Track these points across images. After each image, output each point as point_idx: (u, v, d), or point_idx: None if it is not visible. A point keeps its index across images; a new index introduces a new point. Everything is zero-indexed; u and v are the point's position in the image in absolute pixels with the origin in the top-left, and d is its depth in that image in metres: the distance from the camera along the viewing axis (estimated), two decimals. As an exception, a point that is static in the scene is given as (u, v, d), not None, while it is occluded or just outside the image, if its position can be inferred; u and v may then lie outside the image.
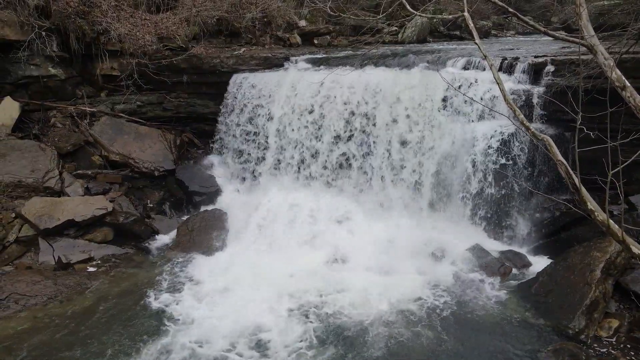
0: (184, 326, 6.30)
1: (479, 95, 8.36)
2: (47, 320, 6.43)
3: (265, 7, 12.51)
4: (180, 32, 11.03)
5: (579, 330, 5.91)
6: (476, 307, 6.69)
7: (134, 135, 10.57)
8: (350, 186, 9.37)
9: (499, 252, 7.85)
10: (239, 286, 7.19)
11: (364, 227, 8.61)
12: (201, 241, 8.63)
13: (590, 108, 4.61)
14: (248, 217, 9.16)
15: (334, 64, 10.33)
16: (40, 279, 7.16)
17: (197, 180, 10.28)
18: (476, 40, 4.56)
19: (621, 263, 6.49)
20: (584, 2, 4.47)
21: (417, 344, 5.96)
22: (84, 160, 9.97)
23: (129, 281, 7.51)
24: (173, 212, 10.03)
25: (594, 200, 3.99)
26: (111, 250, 8.49)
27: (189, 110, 11.42)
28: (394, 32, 13.70)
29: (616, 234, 3.62)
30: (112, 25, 10.16)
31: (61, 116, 10.31)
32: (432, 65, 9.35)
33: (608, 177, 3.39)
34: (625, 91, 4.36)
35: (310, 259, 7.94)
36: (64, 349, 5.85)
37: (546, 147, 4.04)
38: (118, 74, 10.63)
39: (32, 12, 9.52)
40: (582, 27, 4.45)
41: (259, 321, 6.37)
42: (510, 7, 4.90)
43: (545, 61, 8.38)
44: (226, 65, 10.89)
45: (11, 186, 8.65)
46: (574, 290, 6.30)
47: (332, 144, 9.48)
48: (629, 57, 7.08)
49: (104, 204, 8.77)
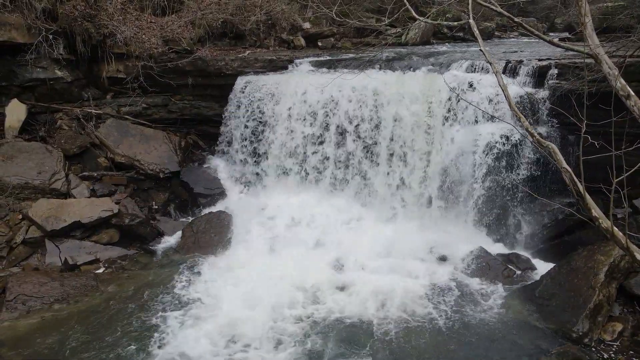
0: (189, 326, 6.35)
1: (484, 98, 8.38)
2: (54, 322, 6.50)
3: (270, 9, 12.56)
4: (186, 34, 11.09)
5: (583, 333, 5.93)
6: (479, 310, 6.72)
7: (139, 137, 10.63)
8: (354, 189, 9.41)
9: (502, 255, 7.88)
10: (243, 287, 7.24)
11: (368, 229, 8.66)
12: (206, 243, 8.68)
13: (594, 112, 4.63)
14: (253, 219, 9.22)
15: (338, 66, 10.37)
16: (47, 281, 7.22)
17: (201, 182, 10.34)
18: (481, 47, 4.60)
19: (625, 267, 6.51)
20: (589, 12, 4.50)
21: (419, 347, 5.99)
22: (89, 162, 10.05)
23: (135, 282, 7.57)
24: (178, 213, 10.10)
25: (598, 204, 4.02)
26: (117, 252, 8.55)
27: (193, 112, 11.48)
28: (397, 35, 13.72)
29: (620, 241, 3.65)
30: (118, 28, 10.22)
31: (67, 118, 10.38)
32: (436, 68, 9.38)
33: (612, 185, 3.42)
34: (629, 100, 4.38)
35: (314, 261, 7.98)
36: (71, 350, 5.91)
37: (551, 155, 4.07)
38: (124, 77, 10.70)
39: (39, 15, 9.59)
40: (587, 36, 4.47)
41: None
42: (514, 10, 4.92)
43: (549, 64, 8.40)
44: (231, 67, 10.95)
45: (18, 188, 8.73)
46: (577, 293, 6.32)
47: (336, 146, 9.53)
48: (633, 60, 7.09)
49: (110, 205, 8.83)
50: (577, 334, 5.94)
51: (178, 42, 10.98)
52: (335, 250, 8.24)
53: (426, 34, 13.94)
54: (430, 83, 8.96)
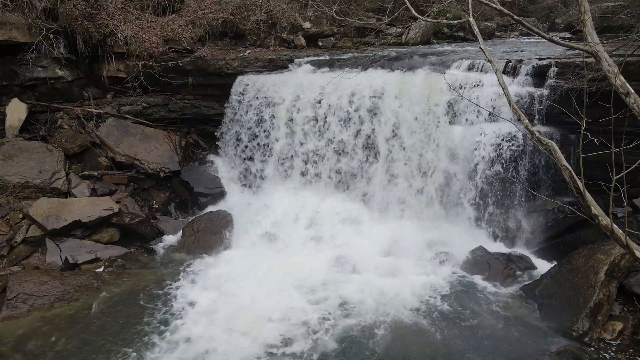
0: (190, 326, 6.36)
1: (483, 97, 8.38)
2: (54, 320, 6.51)
3: (270, 9, 12.57)
4: (186, 34, 11.10)
5: (583, 332, 5.93)
6: (479, 309, 6.72)
7: (139, 137, 10.65)
8: (355, 188, 9.41)
9: (502, 254, 7.87)
10: (244, 287, 7.24)
11: (368, 228, 8.67)
12: (206, 242, 8.69)
13: (594, 110, 4.64)
14: (253, 218, 9.22)
15: (338, 65, 10.37)
16: (48, 279, 7.23)
17: (202, 181, 10.35)
18: (481, 45, 4.61)
19: (625, 266, 6.51)
20: (589, 10, 4.51)
21: (419, 346, 5.99)
22: (90, 161, 10.06)
23: (135, 282, 7.58)
24: (178, 213, 10.12)
25: (597, 203, 4.02)
26: (117, 251, 8.56)
27: (194, 111, 11.48)
28: (397, 34, 13.72)
29: (620, 239, 3.66)
30: (119, 27, 10.24)
31: (68, 118, 10.39)
32: (436, 67, 9.38)
33: (612, 183, 3.42)
34: (629, 97, 4.39)
35: (315, 260, 7.99)
36: (71, 348, 5.92)
37: (551, 152, 4.07)
38: (124, 76, 10.72)
39: (39, 14, 9.61)
40: (587, 34, 4.48)
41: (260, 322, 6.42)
42: (515, 10, 4.94)
43: (549, 64, 8.40)
44: (231, 67, 10.95)
45: (19, 187, 8.74)
46: (578, 292, 6.33)
47: (337, 146, 9.53)
48: (633, 59, 7.09)
49: (110, 204, 8.84)
50: (577, 333, 5.94)
51: (178, 42, 10.99)
52: (335, 250, 8.24)
53: (426, 34, 13.93)
54: (430, 82, 8.96)
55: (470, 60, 9.16)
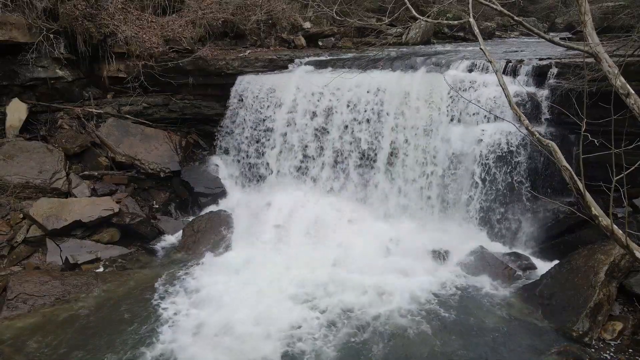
0: (190, 325, 6.37)
1: (483, 98, 8.39)
2: (55, 320, 6.51)
3: (270, 9, 12.57)
4: (186, 34, 11.10)
5: (583, 332, 5.94)
6: (479, 309, 6.73)
7: (140, 137, 10.65)
8: (355, 188, 9.41)
9: (502, 254, 7.88)
10: (244, 286, 7.25)
11: (368, 228, 8.66)
12: (207, 242, 8.69)
13: (594, 110, 4.64)
14: (253, 218, 9.22)
15: (338, 66, 10.38)
16: (48, 279, 7.23)
17: (202, 181, 10.35)
18: (482, 46, 4.61)
19: (625, 266, 6.52)
20: (589, 10, 4.51)
21: (419, 345, 6.00)
22: (90, 161, 10.06)
23: (136, 281, 7.58)
24: (179, 213, 10.12)
25: (598, 203, 4.02)
26: (118, 251, 8.57)
27: (194, 111, 11.49)
28: (398, 34, 13.72)
29: (620, 239, 3.66)
30: (119, 27, 10.24)
31: (68, 118, 10.40)
32: (436, 67, 9.38)
33: (612, 183, 3.43)
34: (629, 98, 4.39)
35: (315, 260, 7.98)
36: (71, 348, 5.93)
37: (551, 153, 4.08)
38: (124, 76, 10.72)
39: (40, 14, 9.62)
40: (587, 34, 4.48)
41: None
42: (515, 10, 4.94)
43: (549, 64, 8.40)
44: (231, 67, 10.96)
45: (19, 187, 8.75)
46: (578, 292, 6.33)
47: (337, 145, 9.53)
48: (633, 60, 7.09)
49: (111, 204, 8.85)
50: (578, 333, 5.94)
51: (179, 42, 10.99)
52: (335, 249, 8.24)
53: (427, 34, 13.93)
54: (430, 82, 8.97)
55: (471, 61, 9.16)
